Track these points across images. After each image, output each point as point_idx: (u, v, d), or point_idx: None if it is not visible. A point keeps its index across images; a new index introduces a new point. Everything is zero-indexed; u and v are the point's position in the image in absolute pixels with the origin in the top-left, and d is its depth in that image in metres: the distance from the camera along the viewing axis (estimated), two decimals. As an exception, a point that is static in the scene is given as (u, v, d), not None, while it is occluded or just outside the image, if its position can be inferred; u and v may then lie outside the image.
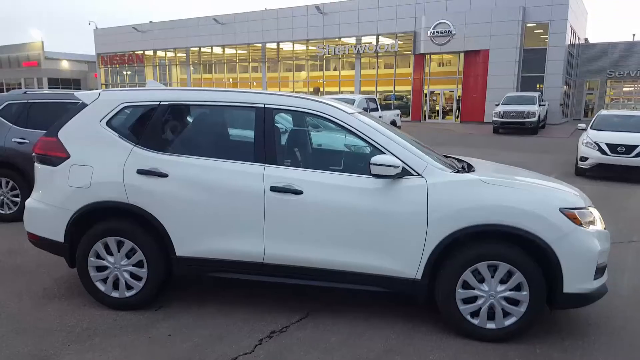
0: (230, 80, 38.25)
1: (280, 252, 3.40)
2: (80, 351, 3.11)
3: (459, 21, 27.54)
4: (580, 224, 3.17)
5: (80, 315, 3.60)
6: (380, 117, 15.50)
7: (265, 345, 3.20)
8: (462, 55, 28.57)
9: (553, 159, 13.44)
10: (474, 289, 3.26)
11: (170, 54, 40.40)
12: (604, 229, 3.42)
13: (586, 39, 35.05)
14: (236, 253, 3.45)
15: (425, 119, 30.67)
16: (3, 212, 6.41)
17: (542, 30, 27.11)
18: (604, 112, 12.10)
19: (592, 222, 3.29)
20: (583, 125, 11.92)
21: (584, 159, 10.38)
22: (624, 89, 34.01)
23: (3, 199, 6.38)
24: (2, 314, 3.64)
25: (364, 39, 31.45)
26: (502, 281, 3.22)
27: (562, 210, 3.15)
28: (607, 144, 10.12)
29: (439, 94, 30.56)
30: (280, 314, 3.66)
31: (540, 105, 22.23)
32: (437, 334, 3.38)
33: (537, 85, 27.27)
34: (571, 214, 3.16)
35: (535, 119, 21.10)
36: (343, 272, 3.36)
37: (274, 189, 3.35)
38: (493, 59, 27.28)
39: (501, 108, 21.80)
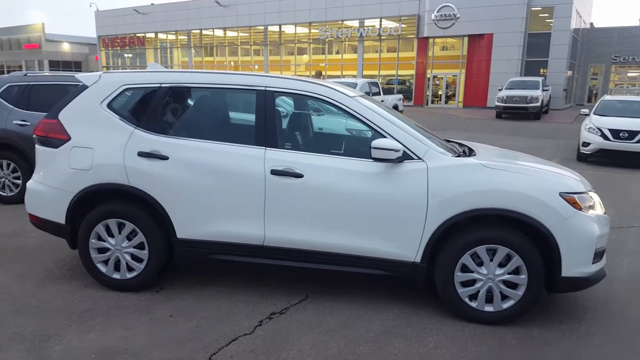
0: (232, 63, 38.00)
1: (280, 235, 3.42)
2: (82, 331, 3.15)
3: (463, 4, 27.17)
4: (580, 209, 3.17)
5: (81, 297, 3.64)
6: (382, 101, 15.43)
7: (265, 326, 3.24)
8: (465, 39, 28.29)
9: (555, 144, 13.40)
10: (472, 272, 3.27)
11: (171, 37, 40.10)
12: (604, 213, 3.42)
13: (591, 24, 34.65)
14: (236, 235, 3.47)
15: (427, 104, 30.50)
16: (4, 194, 6.43)
17: (547, 14, 26.77)
18: (607, 97, 12.02)
19: (591, 207, 3.30)
20: (586, 111, 11.85)
21: (586, 144, 10.34)
22: (629, 74, 33.69)
23: (4, 181, 6.40)
24: (4, 295, 3.67)
25: (367, 22, 31.12)
26: (501, 265, 3.24)
27: (562, 194, 3.15)
28: (609, 130, 10.07)
29: (442, 78, 30.33)
30: (280, 296, 3.69)
31: (543, 90, 22.06)
32: (436, 316, 3.41)
33: (541, 70, 27.03)
34: (571, 199, 3.16)
35: (538, 104, 20.97)
36: (342, 255, 3.38)
37: (274, 172, 3.35)
38: (497, 43, 27.00)
39: (504, 93, 21.66)
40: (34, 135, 3.83)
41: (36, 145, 3.83)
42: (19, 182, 6.36)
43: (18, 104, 6.33)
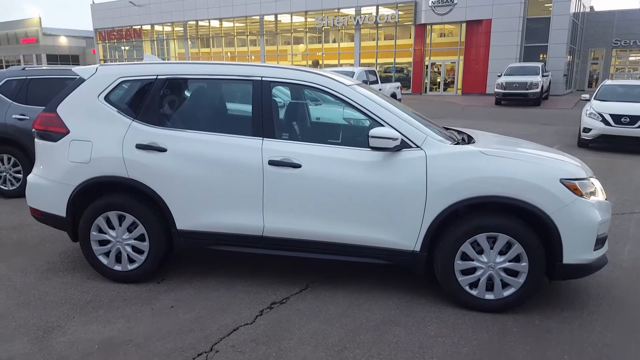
0: (229, 54, 37.75)
1: (279, 226, 3.42)
2: (85, 323, 3.16)
3: (461, -10, 26.92)
4: (581, 195, 3.16)
5: (84, 288, 3.65)
6: (380, 89, 15.37)
7: (265, 316, 3.26)
8: (463, 25, 28.05)
9: (556, 130, 13.35)
10: (472, 260, 3.27)
11: (167, 28, 39.79)
12: (605, 199, 3.41)
13: (591, 7, 34.31)
14: (236, 226, 3.47)
15: (426, 91, 30.36)
16: (6, 188, 6.43)
17: (546, -1, 26.54)
18: (608, 82, 11.92)
19: (593, 193, 3.28)
20: (587, 96, 11.75)
21: (587, 130, 10.27)
22: (630, 59, 33.43)
23: (5, 175, 6.40)
24: (8, 287, 3.69)
25: (364, 10, 30.84)
26: (501, 252, 3.24)
27: (562, 181, 3.14)
28: (610, 115, 10.00)
29: (441, 65, 30.15)
30: (280, 285, 3.70)
31: (543, 76, 21.92)
32: (437, 305, 3.42)
33: (541, 56, 26.84)
34: (572, 185, 3.15)
35: (538, 90, 20.85)
36: (342, 245, 3.39)
37: (272, 162, 3.34)
38: (495, 28, 26.77)
39: (503, 79, 21.53)
40: (33, 129, 3.83)
41: (35, 139, 3.82)
42: (20, 176, 6.36)
43: (17, 98, 6.31)
